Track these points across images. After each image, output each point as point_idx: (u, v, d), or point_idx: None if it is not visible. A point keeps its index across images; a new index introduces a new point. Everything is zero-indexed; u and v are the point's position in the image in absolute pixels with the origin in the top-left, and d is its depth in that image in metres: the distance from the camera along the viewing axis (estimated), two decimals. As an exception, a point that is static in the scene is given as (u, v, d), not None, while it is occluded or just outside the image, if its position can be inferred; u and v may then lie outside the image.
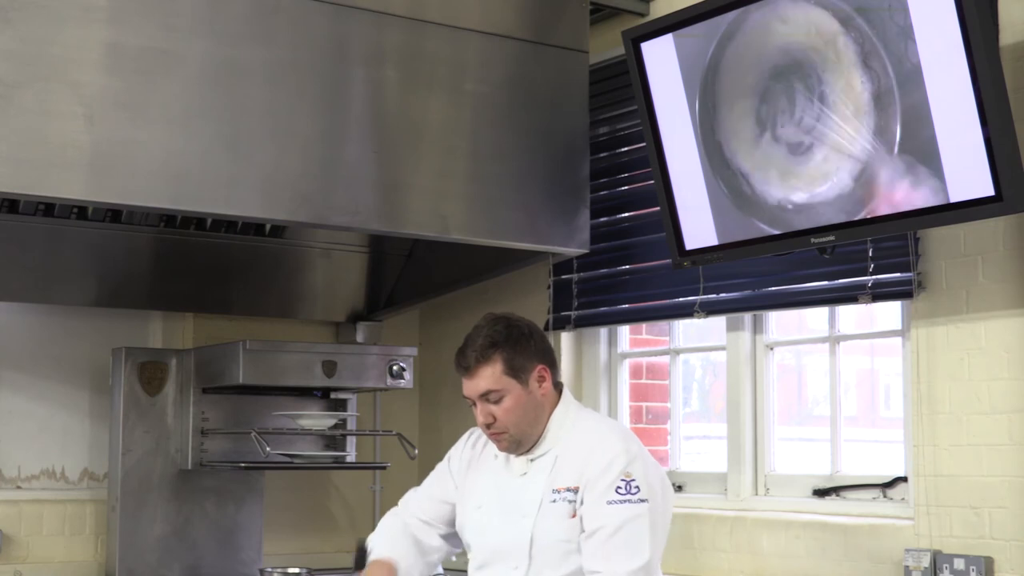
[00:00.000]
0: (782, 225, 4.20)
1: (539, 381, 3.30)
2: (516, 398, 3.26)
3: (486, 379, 3.27)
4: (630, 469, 3.16)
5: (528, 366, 3.29)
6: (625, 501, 3.12)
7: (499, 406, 3.27)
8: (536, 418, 3.29)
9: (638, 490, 3.13)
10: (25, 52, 3.88)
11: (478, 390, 3.29)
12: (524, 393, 3.28)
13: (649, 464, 3.24)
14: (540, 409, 3.30)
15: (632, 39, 4.51)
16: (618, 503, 3.12)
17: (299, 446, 5.27)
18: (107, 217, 4.96)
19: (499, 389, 3.27)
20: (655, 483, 3.20)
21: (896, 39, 3.78)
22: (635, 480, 3.14)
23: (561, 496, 3.22)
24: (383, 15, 4.48)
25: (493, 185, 4.66)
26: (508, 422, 3.27)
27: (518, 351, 3.29)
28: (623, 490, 3.12)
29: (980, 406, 4.01)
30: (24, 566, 5.19)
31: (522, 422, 3.28)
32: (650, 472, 3.21)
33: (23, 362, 5.32)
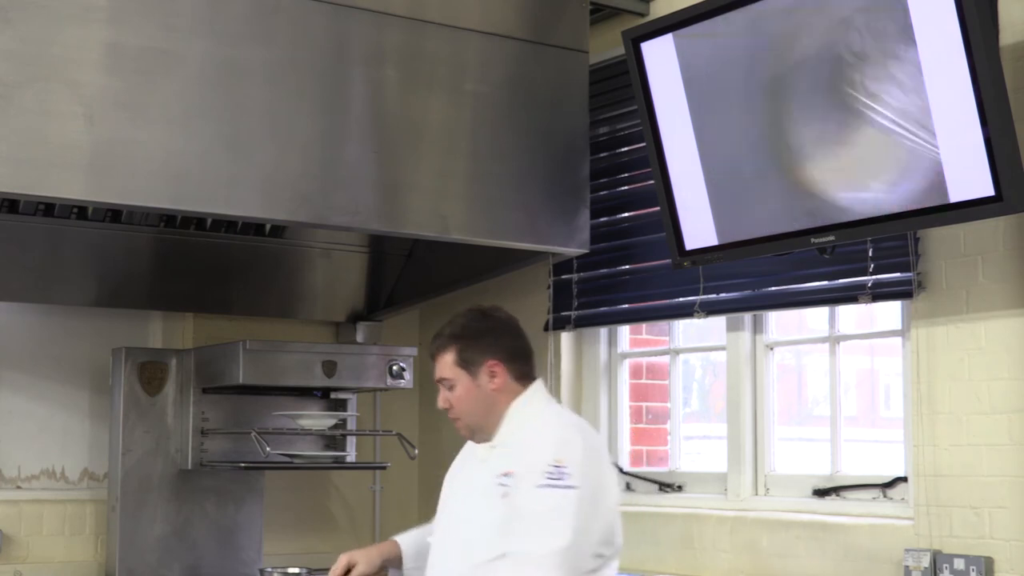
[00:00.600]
0: (782, 224, 4.20)
1: (490, 376, 3.42)
2: (465, 389, 3.42)
3: (441, 367, 3.46)
4: (561, 455, 3.22)
5: (479, 360, 3.41)
6: (553, 486, 3.18)
7: (453, 393, 3.44)
8: (487, 410, 3.42)
9: (568, 476, 3.18)
10: (25, 52, 3.88)
11: (437, 376, 3.48)
12: (473, 385, 3.42)
13: (589, 455, 3.30)
14: (490, 402, 3.41)
15: (632, 39, 4.51)
16: (546, 487, 3.19)
17: (299, 446, 5.27)
18: (107, 217, 4.96)
19: (451, 378, 3.44)
20: (590, 472, 3.25)
21: (896, 39, 3.78)
22: (565, 467, 3.20)
23: (499, 480, 3.31)
24: (383, 15, 4.48)
25: (493, 185, 4.66)
26: (460, 410, 3.44)
27: (471, 345, 3.43)
28: (552, 476, 3.19)
29: (980, 406, 4.01)
30: (24, 566, 5.19)
31: (472, 412, 3.43)
32: (587, 462, 3.26)
33: (23, 362, 5.32)
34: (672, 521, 4.91)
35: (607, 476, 3.35)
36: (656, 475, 5.19)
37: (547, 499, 3.18)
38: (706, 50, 4.32)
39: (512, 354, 3.45)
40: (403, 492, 6.04)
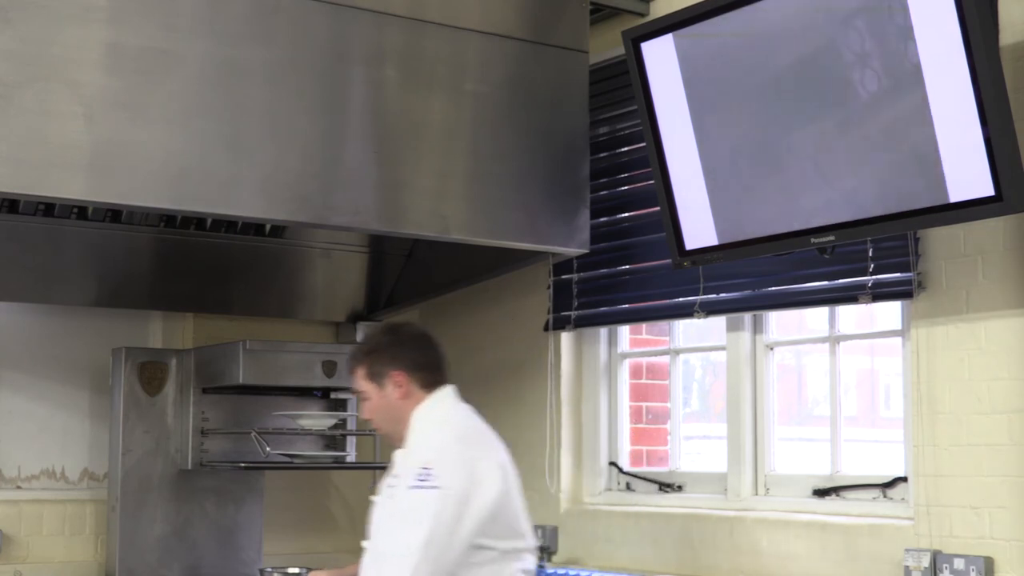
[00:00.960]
0: (782, 224, 4.20)
1: (395, 386, 3.68)
2: (375, 400, 3.70)
3: (355, 381, 3.75)
4: (429, 459, 3.49)
5: (384, 372, 3.68)
6: (419, 488, 3.45)
7: (366, 404, 3.74)
8: (396, 418, 3.69)
9: (433, 478, 3.44)
10: (25, 52, 3.88)
11: (355, 389, 3.78)
12: (381, 396, 3.69)
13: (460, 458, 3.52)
14: (398, 411, 3.68)
15: (632, 39, 4.51)
16: (413, 489, 3.46)
17: (299, 446, 5.28)
18: (107, 217, 4.96)
19: (364, 391, 3.73)
20: (458, 474, 3.46)
21: (896, 39, 3.78)
22: (431, 469, 3.45)
23: (390, 483, 3.64)
24: (383, 15, 4.48)
25: (493, 185, 4.66)
26: (375, 420, 3.74)
27: (377, 358, 3.71)
28: (420, 477, 3.46)
29: (980, 406, 4.01)
30: (24, 566, 5.19)
31: (384, 420, 3.71)
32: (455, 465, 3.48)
33: (23, 362, 5.33)
34: (672, 521, 4.91)
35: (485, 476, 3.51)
36: (656, 475, 5.19)
37: (411, 499, 3.47)
38: (706, 50, 4.32)
39: (416, 365, 3.70)
40: (403, 492, 6.03)
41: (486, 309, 5.81)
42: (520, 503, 3.60)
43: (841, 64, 3.93)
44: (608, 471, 5.37)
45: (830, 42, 3.95)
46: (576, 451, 5.40)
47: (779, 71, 4.12)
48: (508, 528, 3.52)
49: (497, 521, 3.48)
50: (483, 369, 5.80)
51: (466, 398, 5.82)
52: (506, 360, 5.67)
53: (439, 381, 3.73)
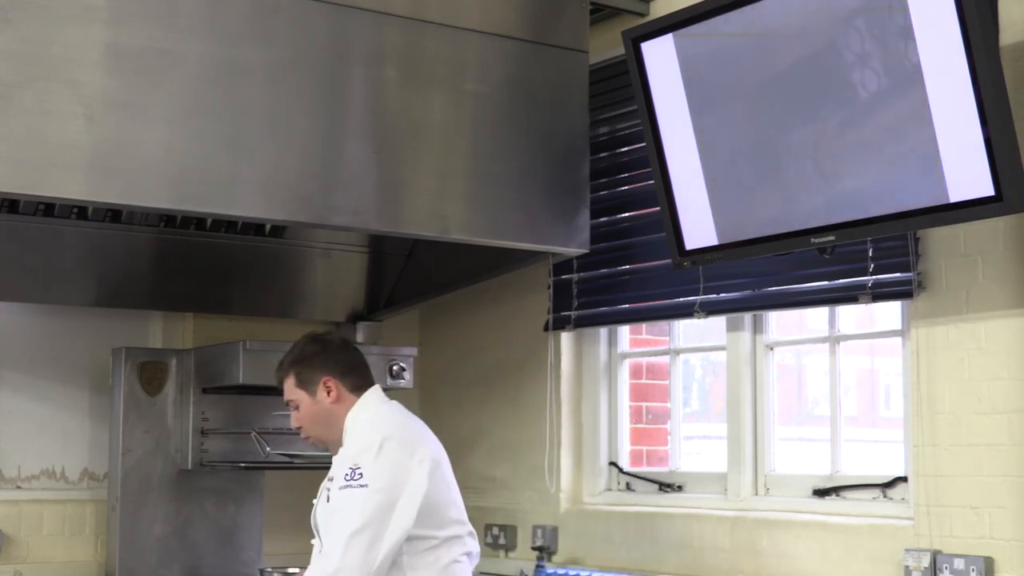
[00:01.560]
0: (782, 224, 4.20)
1: (326, 391, 3.76)
2: (307, 407, 3.78)
3: (285, 391, 3.83)
4: (358, 460, 3.60)
5: (314, 378, 3.77)
6: (348, 487, 3.57)
7: (299, 412, 3.81)
8: (328, 423, 3.78)
9: (361, 476, 3.56)
10: (25, 52, 3.88)
11: (286, 399, 3.85)
12: (312, 403, 3.77)
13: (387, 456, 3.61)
14: (331, 415, 3.77)
15: (632, 39, 4.51)
16: (346, 488, 3.58)
17: (299, 446, 5.26)
18: (107, 217, 4.96)
19: (294, 399, 3.81)
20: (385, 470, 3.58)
21: (896, 39, 3.78)
22: (360, 468, 3.58)
23: (326, 484, 3.73)
24: (383, 15, 4.48)
25: (493, 185, 4.66)
26: (308, 426, 3.81)
27: (306, 366, 3.79)
28: (349, 477, 3.58)
29: (980, 406, 4.01)
30: (24, 566, 5.19)
31: (316, 426, 3.80)
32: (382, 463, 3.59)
33: (23, 362, 5.32)
34: (672, 521, 4.91)
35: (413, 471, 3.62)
36: (656, 475, 5.19)
37: (343, 497, 3.58)
38: (706, 50, 4.32)
39: (344, 369, 3.79)
40: (403, 492, 6.03)
41: (486, 309, 5.81)
42: (456, 491, 3.75)
43: (841, 64, 3.93)
44: (608, 471, 5.37)
45: (830, 42, 3.95)
46: (576, 451, 5.40)
47: (779, 71, 4.12)
48: (445, 518, 3.67)
49: (433, 512, 3.62)
50: (483, 369, 5.80)
51: (466, 398, 5.86)
52: (506, 360, 5.67)
53: (367, 383, 3.83)
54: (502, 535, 5.56)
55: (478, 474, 5.74)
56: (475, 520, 5.71)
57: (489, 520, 5.61)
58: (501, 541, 5.55)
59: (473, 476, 5.72)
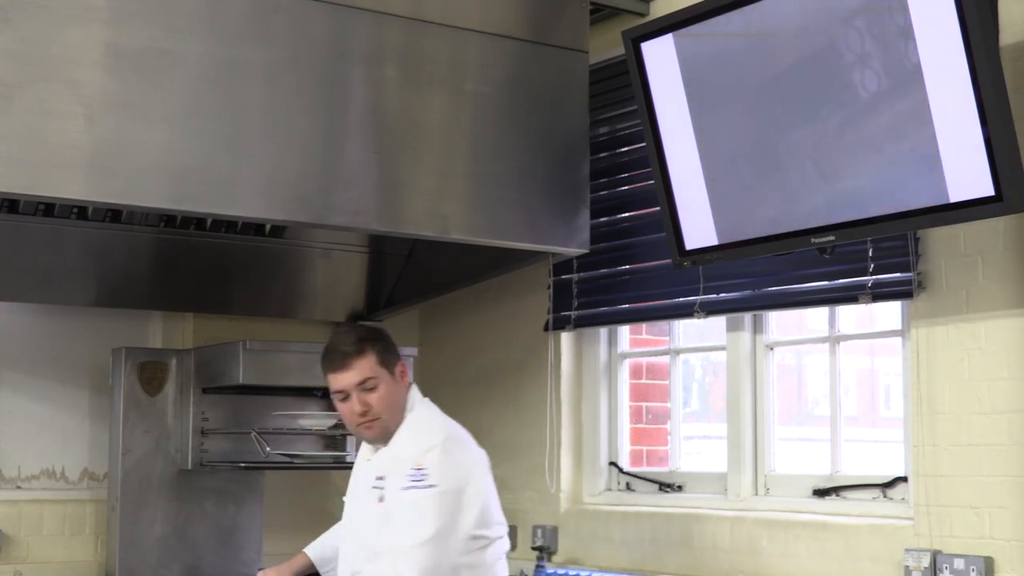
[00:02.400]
0: (782, 224, 4.20)
1: (402, 376, 3.74)
2: (388, 387, 3.68)
3: (361, 369, 3.66)
4: (421, 459, 3.57)
5: (394, 360, 3.73)
6: (415, 487, 3.53)
7: (374, 394, 3.66)
8: (402, 407, 3.72)
9: (426, 477, 3.53)
10: (25, 52, 3.88)
11: (353, 381, 3.67)
12: (393, 383, 3.70)
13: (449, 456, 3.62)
14: (403, 400, 3.73)
15: (632, 39, 4.51)
16: (410, 489, 3.55)
17: (299, 446, 5.28)
18: (107, 217, 4.96)
19: (375, 377, 3.66)
20: (450, 472, 3.58)
21: (896, 39, 3.78)
22: (424, 469, 3.55)
23: (375, 484, 3.67)
24: (383, 15, 4.48)
25: (493, 185, 4.66)
26: (381, 409, 3.67)
27: (385, 346, 3.73)
28: (415, 478, 3.54)
29: (980, 406, 4.01)
30: (24, 566, 5.19)
31: (389, 409, 3.69)
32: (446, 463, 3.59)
33: (23, 362, 5.33)
34: (672, 521, 4.91)
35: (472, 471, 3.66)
36: (656, 475, 5.19)
37: (408, 499, 3.55)
38: (706, 50, 4.32)
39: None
40: (403, 492, 6.03)
41: (486, 309, 5.81)
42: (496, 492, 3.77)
43: (841, 64, 3.93)
44: (608, 471, 5.37)
45: (830, 42, 3.95)
46: (576, 451, 5.40)
47: (779, 71, 4.12)
48: (493, 518, 3.71)
49: (487, 513, 3.66)
50: (483, 369, 5.80)
51: (466, 398, 5.85)
52: (506, 360, 5.67)
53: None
54: (502, 535, 5.55)
55: (478, 474, 5.73)
56: (475, 520, 5.73)
57: (489, 520, 5.61)
58: (501, 541, 5.55)
59: (473, 476, 5.72)
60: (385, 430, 3.71)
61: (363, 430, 3.74)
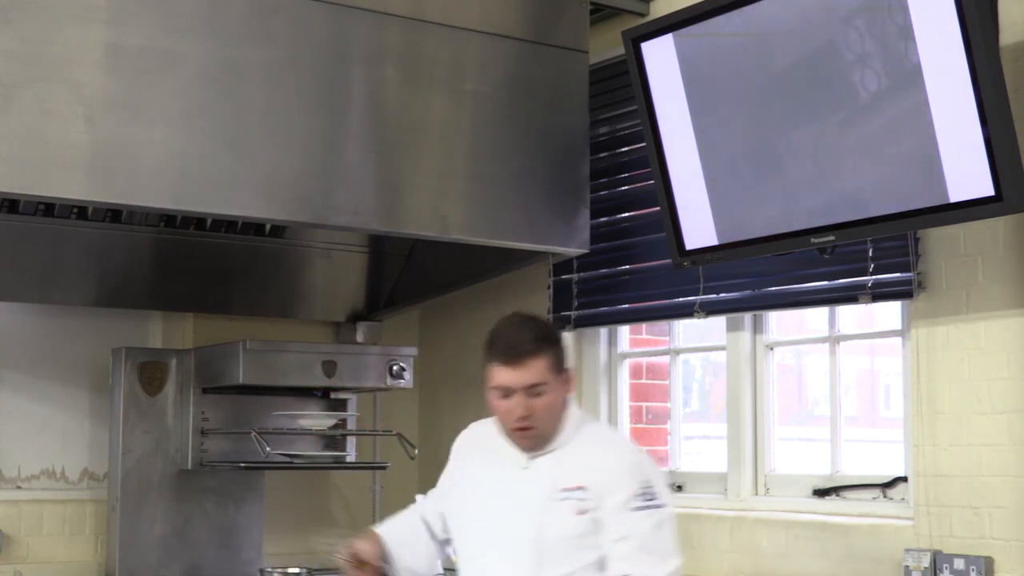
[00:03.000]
0: (782, 224, 4.20)
1: (566, 383, 3.35)
2: (553, 394, 3.27)
3: (534, 371, 3.24)
4: (647, 476, 3.25)
5: (564, 366, 3.33)
6: (648, 507, 3.20)
7: (540, 400, 3.25)
8: (560, 417, 3.32)
9: (657, 496, 3.23)
10: (25, 52, 3.88)
11: (524, 381, 3.24)
12: (559, 391, 3.30)
13: (657, 470, 3.37)
14: (563, 410, 3.34)
15: (632, 39, 4.52)
16: (643, 510, 3.20)
17: (299, 446, 5.27)
18: (107, 217, 4.96)
19: (545, 383, 3.25)
20: (665, 488, 3.31)
21: (896, 39, 3.78)
22: (653, 487, 3.24)
23: (570, 495, 3.25)
24: (383, 15, 4.48)
25: (493, 185, 4.67)
26: (543, 417, 3.27)
27: (561, 351, 3.33)
28: (646, 497, 3.20)
29: (980, 406, 4.01)
30: (24, 566, 5.19)
31: (552, 419, 3.29)
32: (660, 477, 3.32)
33: (23, 362, 5.32)
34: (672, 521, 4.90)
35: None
36: (656, 475, 5.18)
37: (647, 520, 3.19)
38: (706, 50, 4.32)
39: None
40: (403, 492, 6.01)
41: (486, 309, 5.80)
42: None
43: (841, 64, 3.93)
44: (608, 471, 5.36)
45: (830, 42, 3.95)
46: (576, 451, 5.39)
47: (779, 71, 4.12)
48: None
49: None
50: (483, 369, 5.79)
51: (466, 398, 5.85)
52: (506, 360, 5.65)
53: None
54: (502, 535, 5.55)
55: (478, 474, 5.73)
56: (475, 520, 5.73)
57: (489, 520, 5.61)
58: (501, 541, 5.54)
59: (473, 476, 5.72)
60: (540, 439, 3.30)
61: (516, 435, 3.32)
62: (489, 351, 3.32)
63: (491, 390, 3.31)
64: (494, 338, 3.33)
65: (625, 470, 3.25)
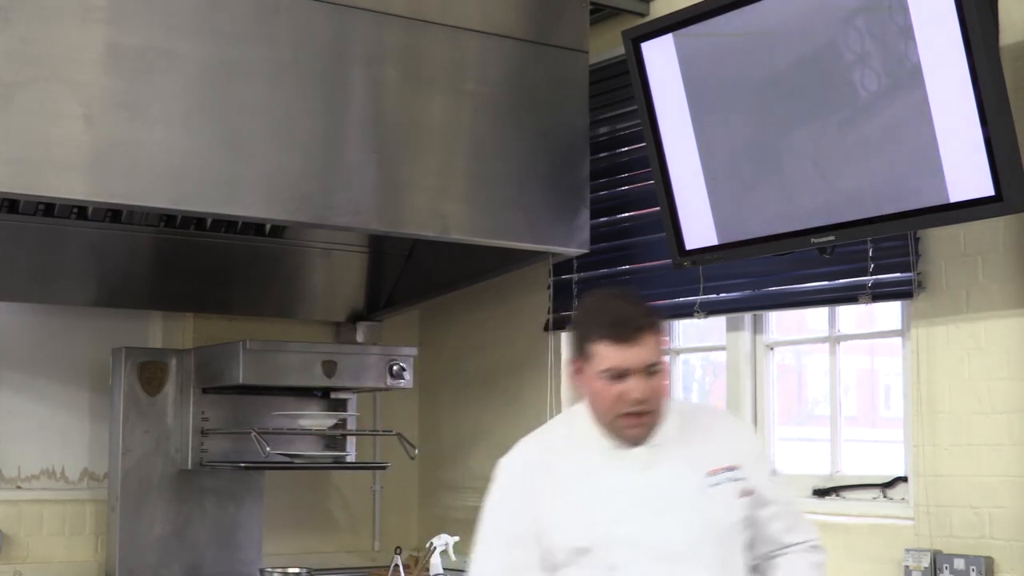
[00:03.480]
0: (782, 224, 4.20)
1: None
2: (665, 374, 2.92)
3: (652, 349, 2.87)
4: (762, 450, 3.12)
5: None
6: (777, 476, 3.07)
7: (655, 380, 2.87)
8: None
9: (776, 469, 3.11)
10: (25, 52, 3.88)
11: (643, 360, 2.85)
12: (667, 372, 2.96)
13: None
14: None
15: (632, 39, 4.52)
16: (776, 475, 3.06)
17: (299, 446, 5.27)
18: (107, 217, 4.96)
19: (660, 362, 2.90)
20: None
21: (896, 39, 3.78)
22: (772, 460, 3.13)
23: (723, 476, 2.94)
24: (383, 15, 4.48)
25: (493, 185, 4.66)
26: (659, 400, 2.90)
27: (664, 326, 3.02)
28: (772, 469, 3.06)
29: (980, 406, 4.01)
30: (24, 566, 5.19)
31: (664, 402, 2.93)
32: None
33: (23, 362, 5.32)
34: (672, 521, 4.90)
35: None
36: (656, 475, 5.18)
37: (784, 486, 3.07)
38: (706, 50, 4.32)
39: None
40: (403, 492, 6.04)
41: (486, 309, 5.81)
42: None
43: (841, 64, 3.93)
44: (608, 471, 5.36)
45: (830, 42, 3.95)
46: (576, 451, 5.39)
47: (779, 71, 4.12)
48: None
49: None
50: (483, 369, 5.80)
51: (466, 398, 5.86)
52: (506, 360, 5.67)
53: None
54: (502, 535, 5.54)
55: (478, 474, 5.73)
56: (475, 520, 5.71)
57: (489, 520, 5.60)
58: (501, 541, 5.54)
59: (473, 476, 5.71)
60: (653, 426, 2.91)
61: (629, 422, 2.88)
62: (593, 329, 2.89)
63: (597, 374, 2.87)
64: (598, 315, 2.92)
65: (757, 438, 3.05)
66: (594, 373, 2.87)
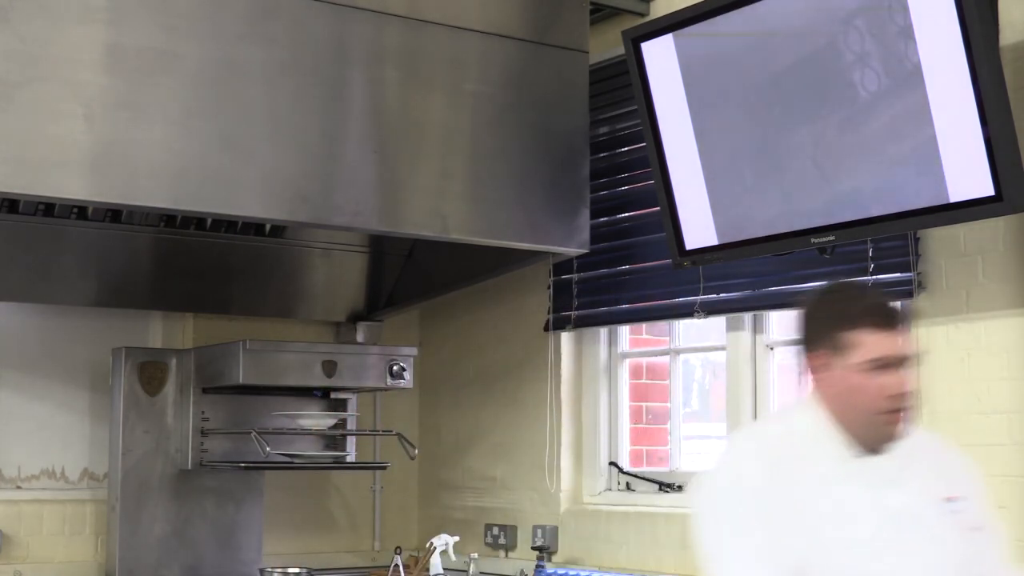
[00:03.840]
0: (782, 224, 4.20)
1: None
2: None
3: (908, 345, 2.66)
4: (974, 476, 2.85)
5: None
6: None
7: (911, 374, 2.65)
8: None
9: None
10: (25, 52, 3.88)
11: (910, 349, 2.65)
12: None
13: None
14: None
15: (632, 39, 4.51)
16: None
17: (299, 446, 5.27)
18: (107, 217, 4.96)
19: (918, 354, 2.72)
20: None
21: (896, 39, 3.78)
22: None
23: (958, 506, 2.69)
24: (383, 15, 4.48)
25: (493, 185, 4.66)
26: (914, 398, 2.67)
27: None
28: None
29: (980, 406, 4.01)
30: (24, 566, 5.19)
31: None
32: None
33: (23, 362, 5.32)
34: (672, 521, 4.91)
35: None
36: (656, 475, 5.18)
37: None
38: (706, 50, 4.32)
39: None
40: (403, 492, 6.04)
41: (486, 309, 5.81)
42: None
43: (841, 64, 3.93)
44: (608, 471, 5.37)
45: (830, 42, 3.95)
46: (576, 451, 5.40)
47: (779, 71, 4.12)
48: None
49: None
50: (483, 369, 5.80)
51: (466, 398, 5.85)
52: (506, 360, 5.67)
53: None
54: (502, 535, 5.55)
55: (478, 474, 5.74)
56: (475, 520, 5.74)
57: (489, 520, 5.61)
58: (501, 541, 5.55)
59: (473, 476, 5.72)
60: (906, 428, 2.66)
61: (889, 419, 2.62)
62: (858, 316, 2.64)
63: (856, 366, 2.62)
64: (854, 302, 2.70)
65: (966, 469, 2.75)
66: (852, 365, 2.62)
